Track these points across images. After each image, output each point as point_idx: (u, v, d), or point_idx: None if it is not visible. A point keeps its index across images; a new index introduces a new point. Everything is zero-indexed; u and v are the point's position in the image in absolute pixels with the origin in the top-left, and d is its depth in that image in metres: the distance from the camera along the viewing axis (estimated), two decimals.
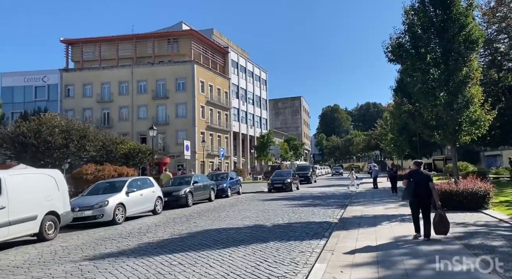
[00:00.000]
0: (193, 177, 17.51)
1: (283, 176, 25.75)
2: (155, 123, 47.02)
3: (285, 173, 26.84)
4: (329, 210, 14.00)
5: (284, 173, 27.32)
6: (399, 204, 14.80)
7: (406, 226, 9.36)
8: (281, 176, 25.85)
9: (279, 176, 25.81)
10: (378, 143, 63.60)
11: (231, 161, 55.90)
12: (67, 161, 22.64)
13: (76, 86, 47.92)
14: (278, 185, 24.35)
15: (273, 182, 24.83)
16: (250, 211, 14.14)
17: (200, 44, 50.25)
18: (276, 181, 24.76)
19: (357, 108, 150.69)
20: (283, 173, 26.98)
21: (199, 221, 11.74)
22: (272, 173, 29.23)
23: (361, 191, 23.58)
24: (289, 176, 25.43)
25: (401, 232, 8.63)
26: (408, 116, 14.45)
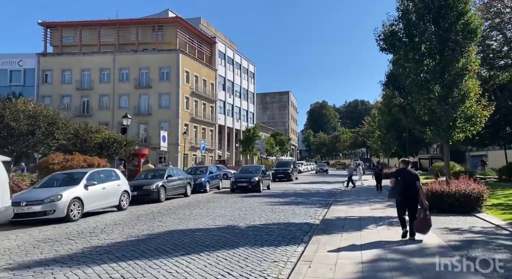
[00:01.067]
0: (167, 170, 16.21)
1: (250, 172, 21.46)
2: (137, 113, 45.54)
3: (254, 169, 22.51)
4: (311, 210, 12.96)
5: (252, 169, 23.04)
6: (386, 205, 13.90)
7: (395, 231, 8.36)
8: (248, 172, 21.55)
9: (245, 173, 21.47)
10: (365, 141, 63.28)
11: (216, 154, 54.58)
12: (38, 149, 21.00)
13: (54, 71, 45.68)
14: (243, 184, 19.91)
15: (237, 180, 20.36)
16: (226, 209, 13.00)
17: (186, 33, 48.51)
18: (241, 179, 20.26)
19: (345, 105, 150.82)
20: (251, 169, 22.74)
21: (167, 219, 10.53)
22: None
23: (346, 189, 22.70)
24: (257, 174, 20.97)
25: (390, 238, 7.61)
26: (399, 110, 13.48)
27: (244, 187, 19.80)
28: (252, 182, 19.97)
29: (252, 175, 20.80)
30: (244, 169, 23.50)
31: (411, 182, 7.45)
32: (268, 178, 23.62)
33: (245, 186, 19.83)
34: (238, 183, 20.12)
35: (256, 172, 21.51)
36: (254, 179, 20.10)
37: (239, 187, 19.91)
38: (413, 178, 7.52)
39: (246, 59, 67.36)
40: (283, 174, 28.63)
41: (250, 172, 21.59)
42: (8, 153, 19.96)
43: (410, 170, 7.85)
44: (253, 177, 20.38)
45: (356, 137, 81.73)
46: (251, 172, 21.74)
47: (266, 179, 22.21)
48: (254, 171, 21.78)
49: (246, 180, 20.11)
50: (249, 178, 20.24)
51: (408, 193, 7.46)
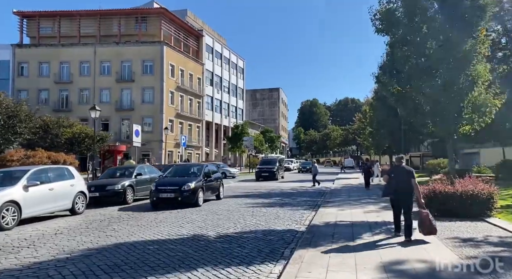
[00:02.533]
0: (137, 168, 14.39)
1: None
2: (119, 108, 43.47)
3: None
4: (297, 213, 11.37)
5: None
6: (380, 206, 12.42)
7: (397, 239, 6.82)
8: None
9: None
10: (356, 138, 62.09)
11: (203, 152, 52.77)
12: None
13: (30, 64, 43.25)
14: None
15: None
16: (200, 212, 11.32)
17: (172, 25, 46.48)
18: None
19: (336, 103, 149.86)
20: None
21: (123, 227, 8.80)
22: None
23: (336, 188, 21.21)
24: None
25: (392, 254, 6.04)
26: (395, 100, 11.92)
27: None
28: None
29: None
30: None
31: (406, 179, 7.11)
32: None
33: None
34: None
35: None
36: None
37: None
38: (408, 175, 7.17)
39: (235, 54, 65.52)
40: (268, 173, 26.96)
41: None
42: None
43: (405, 166, 7.44)
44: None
45: (347, 135, 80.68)
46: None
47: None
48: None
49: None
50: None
51: (402, 191, 7.12)
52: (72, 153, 21.70)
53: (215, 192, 14.33)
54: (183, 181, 12.52)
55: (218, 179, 14.84)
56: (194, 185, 12.29)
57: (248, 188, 20.82)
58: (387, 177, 7.54)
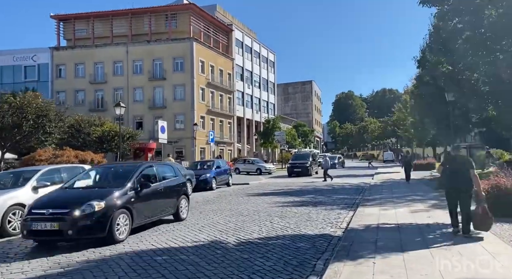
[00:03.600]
0: None
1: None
2: (151, 107, 43.79)
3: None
4: (332, 213, 10.11)
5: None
6: (429, 204, 10.88)
7: (458, 253, 5.43)
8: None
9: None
10: (395, 130, 58.90)
11: (235, 148, 52.23)
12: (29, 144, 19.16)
13: (67, 65, 44.57)
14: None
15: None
16: (223, 212, 10.37)
17: (201, 20, 46.06)
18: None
19: (372, 94, 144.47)
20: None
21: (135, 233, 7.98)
22: None
23: (376, 184, 19.55)
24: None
25: (455, 271, 4.69)
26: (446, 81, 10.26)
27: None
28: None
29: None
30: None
31: (463, 170, 6.50)
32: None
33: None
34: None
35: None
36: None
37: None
38: (465, 165, 6.58)
39: (266, 48, 64.25)
40: (300, 169, 25.59)
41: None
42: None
43: (462, 156, 7.13)
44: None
45: (385, 127, 77.07)
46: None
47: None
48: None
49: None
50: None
51: (459, 182, 6.53)
52: (101, 151, 21.62)
53: (167, 211, 8.56)
54: (81, 197, 6.95)
55: (174, 189, 8.84)
56: (102, 206, 6.64)
57: (279, 185, 19.70)
58: (442, 168, 7.08)
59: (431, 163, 29.91)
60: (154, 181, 8.17)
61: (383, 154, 67.36)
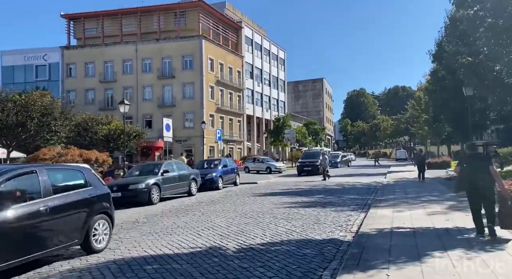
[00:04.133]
0: (164, 165, 13.30)
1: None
2: (161, 105, 43.61)
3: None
4: (342, 215, 9.51)
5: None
6: (446, 206, 10.20)
7: (486, 260, 4.79)
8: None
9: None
10: (408, 127, 57.60)
11: (245, 146, 51.79)
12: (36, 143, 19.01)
13: (77, 64, 44.76)
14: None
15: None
16: (226, 214, 9.86)
17: (210, 18, 45.67)
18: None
19: (385, 92, 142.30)
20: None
21: (131, 235, 7.52)
22: None
23: (389, 183, 18.80)
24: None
25: None
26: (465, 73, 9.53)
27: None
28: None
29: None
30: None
31: (483, 168, 6.06)
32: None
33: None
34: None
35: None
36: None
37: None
38: (484, 161, 6.23)
39: (276, 45, 63.56)
40: (311, 167, 24.84)
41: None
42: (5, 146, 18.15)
43: (479, 153, 6.78)
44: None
45: (398, 125, 75.57)
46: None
47: None
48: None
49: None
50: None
51: (479, 182, 6.07)
52: (108, 150, 21.38)
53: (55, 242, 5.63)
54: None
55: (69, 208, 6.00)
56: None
57: (288, 184, 19.12)
58: (458, 168, 6.55)
59: (446, 162, 28.89)
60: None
61: (395, 152, 66.03)
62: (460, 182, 6.59)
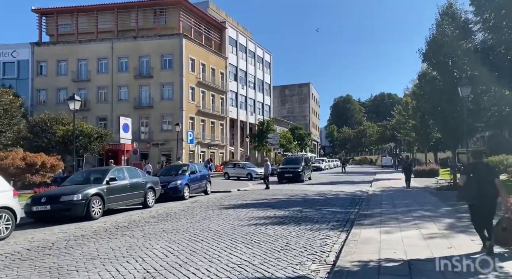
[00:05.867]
0: (111, 172, 11.15)
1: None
2: (137, 106, 41.23)
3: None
4: (318, 235, 7.67)
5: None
6: (443, 224, 8.59)
7: None
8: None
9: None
10: (394, 134, 56.55)
11: (227, 151, 49.76)
12: None
13: (49, 62, 42.11)
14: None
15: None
16: (175, 235, 7.87)
17: (191, 16, 43.76)
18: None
19: (371, 99, 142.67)
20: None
21: (19, 274, 5.48)
22: None
23: (375, 193, 17.12)
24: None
25: None
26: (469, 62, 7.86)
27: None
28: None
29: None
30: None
31: (489, 179, 5.70)
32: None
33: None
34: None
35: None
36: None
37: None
38: (491, 174, 5.84)
39: (262, 48, 61.98)
40: (292, 174, 22.92)
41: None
42: None
43: (485, 163, 6.33)
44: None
45: (384, 131, 74.78)
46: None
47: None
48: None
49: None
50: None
51: (486, 195, 5.67)
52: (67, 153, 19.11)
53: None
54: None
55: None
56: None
57: (265, 193, 17.22)
58: (465, 177, 6.01)
59: (434, 169, 27.54)
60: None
61: (381, 159, 65.03)
62: (465, 191, 6.03)
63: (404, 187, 19.64)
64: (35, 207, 9.13)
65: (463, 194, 6.18)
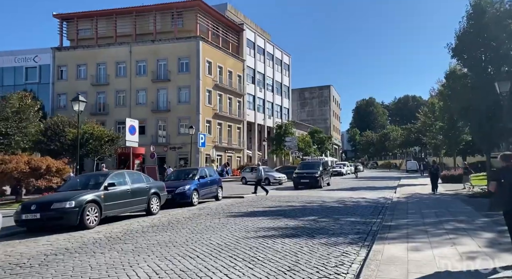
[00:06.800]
0: (110, 176, 10.27)
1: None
2: (155, 110, 41.06)
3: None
4: (334, 252, 6.57)
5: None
6: (483, 239, 7.34)
7: None
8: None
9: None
10: (420, 137, 54.13)
11: (245, 154, 48.91)
12: None
13: (69, 66, 42.62)
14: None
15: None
16: (169, 249, 6.96)
17: (209, 19, 43.35)
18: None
19: (395, 101, 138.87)
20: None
21: None
22: None
23: (400, 200, 15.75)
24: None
25: None
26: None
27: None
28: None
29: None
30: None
31: None
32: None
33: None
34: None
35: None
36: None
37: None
38: None
39: (280, 50, 60.97)
40: (308, 179, 21.40)
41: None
42: None
43: None
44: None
45: (408, 134, 72.01)
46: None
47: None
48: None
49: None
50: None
51: None
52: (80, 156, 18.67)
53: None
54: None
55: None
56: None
57: (280, 200, 16.13)
58: (495, 183, 5.68)
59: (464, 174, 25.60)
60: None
61: (406, 163, 62.52)
62: (497, 200, 5.72)
63: (431, 193, 18.21)
64: (24, 215, 8.46)
65: (494, 201, 5.99)
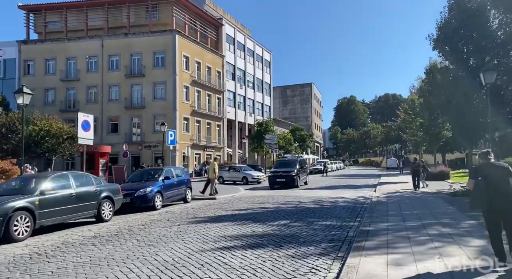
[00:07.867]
0: (48, 179, 8.44)
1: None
2: (128, 107, 39.16)
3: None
4: (301, 268, 5.48)
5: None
6: (473, 247, 6.45)
7: None
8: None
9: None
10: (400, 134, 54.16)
11: (225, 153, 47.61)
12: None
13: (36, 61, 40.26)
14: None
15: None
16: (93, 272, 5.71)
17: (186, 12, 41.76)
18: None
19: (375, 100, 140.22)
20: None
21: None
22: None
23: (380, 200, 14.89)
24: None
25: None
26: None
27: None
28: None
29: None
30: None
31: (503, 180, 5.09)
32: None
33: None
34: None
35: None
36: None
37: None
38: (504, 173, 5.15)
39: (261, 46, 59.85)
40: (284, 178, 20.14)
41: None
42: None
43: (496, 163, 5.55)
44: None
45: (388, 132, 72.28)
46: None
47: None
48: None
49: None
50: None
51: (500, 197, 5.04)
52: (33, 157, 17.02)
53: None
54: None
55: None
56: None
57: (253, 201, 14.99)
58: (473, 181, 5.46)
59: (444, 172, 25.18)
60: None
61: (386, 161, 62.59)
62: (476, 198, 5.52)
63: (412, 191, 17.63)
64: None
65: (473, 200, 5.60)
